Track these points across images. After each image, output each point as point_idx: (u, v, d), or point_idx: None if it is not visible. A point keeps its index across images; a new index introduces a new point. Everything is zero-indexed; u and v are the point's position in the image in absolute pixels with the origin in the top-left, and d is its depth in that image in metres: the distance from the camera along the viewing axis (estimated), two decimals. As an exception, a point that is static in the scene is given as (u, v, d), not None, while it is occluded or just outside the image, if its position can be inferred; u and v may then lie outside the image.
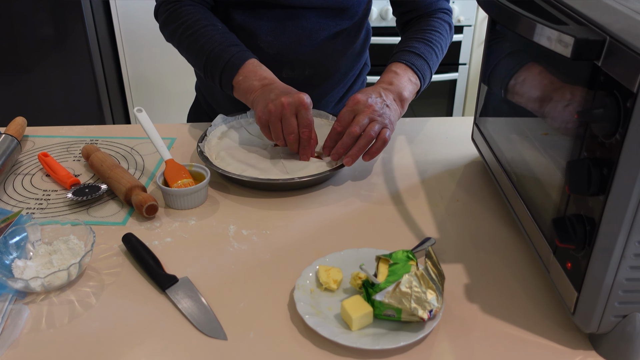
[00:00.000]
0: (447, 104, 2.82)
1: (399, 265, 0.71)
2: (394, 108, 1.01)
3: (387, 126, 0.97)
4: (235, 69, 1.02)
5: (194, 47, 1.06)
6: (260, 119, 0.97)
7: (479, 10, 2.57)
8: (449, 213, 0.92)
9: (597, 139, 0.59)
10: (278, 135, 0.97)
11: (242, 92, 1.03)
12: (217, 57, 1.03)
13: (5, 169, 1.01)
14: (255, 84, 1.01)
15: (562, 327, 0.70)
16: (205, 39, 1.04)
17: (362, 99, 0.97)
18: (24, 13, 2.21)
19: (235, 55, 1.03)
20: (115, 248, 0.84)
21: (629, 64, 0.52)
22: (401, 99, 1.03)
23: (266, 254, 0.83)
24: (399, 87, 1.03)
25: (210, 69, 1.05)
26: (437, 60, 1.14)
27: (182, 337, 0.69)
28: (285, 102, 0.94)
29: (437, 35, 1.13)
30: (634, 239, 0.58)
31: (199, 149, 1.03)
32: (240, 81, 1.02)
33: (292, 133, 0.96)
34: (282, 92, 0.97)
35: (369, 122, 0.96)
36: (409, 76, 1.06)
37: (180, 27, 1.07)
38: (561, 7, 0.67)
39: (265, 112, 0.96)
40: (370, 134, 0.95)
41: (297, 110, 0.95)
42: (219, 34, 1.05)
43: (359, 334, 0.68)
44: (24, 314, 0.72)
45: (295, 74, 1.19)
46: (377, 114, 0.97)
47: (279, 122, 0.96)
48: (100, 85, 2.41)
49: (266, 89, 0.99)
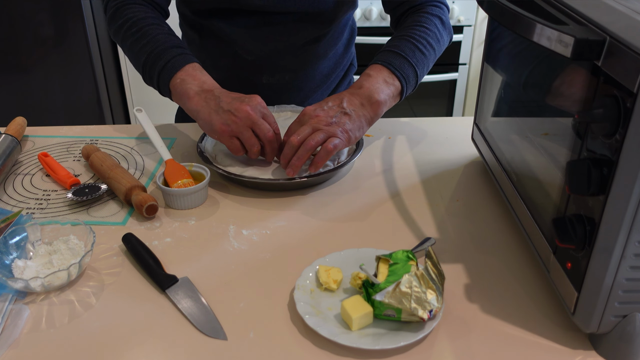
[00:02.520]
0: (447, 104, 2.82)
1: (399, 265, 0.71)
2: (357, 115, 0.96)
3: (337, 135, 0.92)
4: (174, 71, 0.97)
5: (136, 46, 1.01)
6: (224, 132, 0.93)
7: (479, 10, 2.56)
8: (449, 213, 0.92)
9: (597, 139, 0.59)
10: (252, 141, 0.93)
11: (178, 95, 0.98)
12: (157, 57, 0.98)
13: (5, 169, 1.01)
14: (194, 88, 0.96)
15: (562, 327, 0.70)
16: (149, 38, 1.00)
17: (309, 110, 0.95)
18: (24, 13, 2.21)
19: (176, 57, 0.98)
20: (115, 248, 0.84)
21: (629, 64, 0.52)
22: (371, 102, 0.97)
23: (266, 254, 0.83)
24: (369, 90, 0.98)
25: (149, 69, 1.00)
26: (425, 56, 1.05)
27: (182, 337, 0.69)
28: (249, 109, 0.92)
29: (421, 30, 1.06)
30: (634, 239, 0.58)
31: (199, 149, 1.03)
32: (178, 84, 0.97)
33: (270, 131, 0.93)
34: (234, 99, 0.93)
35: (312, 131, 0.93)
36: (384, 77, 1.00)
37: (125, 24, 1.03)
38: (561, 7, 0.67)
39: (230, 123, 0.92)
40: (310, 142, 0.91)
41: (262, 113, 0.93)
42: (163, 34, 1.01)
43: (359, 334, 0.68)
44: (24, 314, 0.72)
45: (276, 79, 1.18)
46: (324, 123, 0.93)
47: (249, 130, 0.93)
48: (100, 85, 2.41)
49: (208, 96, 0.95)
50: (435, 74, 2.69)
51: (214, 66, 1.12)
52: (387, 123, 1.22)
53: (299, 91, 1.20)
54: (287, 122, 1.10)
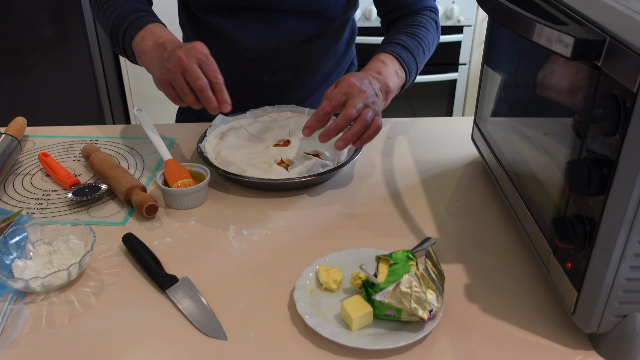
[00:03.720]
0: (447, 104, 2.82)
1: (399, 265, 0.71)
2: (381, 97, 0.98)
3: (379, 114, 0.93)
4: (136, 31, 0.98)
5: (105, 15, 1.04)
6: (161, 81, 0.91)
7: (479, 10, 2.56)
8: (449, 213, 0.92)
9: (597, 139, 0.59)
10: (184, 90, 0.89)
11: (138, 54, 0.98)
12: (121, 21, 1.00)
13: (5, 169, 1.01)
14: (149, 44, 0.95)
15: (562, 327, 0.70)
16: (115, 6, 1.02)
17: (356, 84, 0.93)
18: (24, 13, 2.21)
19: (138, 20, 0.99)
20: (115, 248, 0.84)
21: (629, 64, 0.52)
22: (387, 91, 1.00)
23: (266, 254, 0.83)
24: (387, 78, 1.00)
25: (115, 35, 1.01)
26: (424, 56, 1.09)
27: (182, 337, 0.69)
28: (182, 54, 0.87)
29: (424, 31, 1.10)
30: (634, 239, 0.58)
31: (199, 149, 1.03)
32: (137, 43, 0.97)
33: (199, 79, 0.87)
34: (175, 47, 0.90)
35: (364, 107, 0.91)
36: (395, 68, 1.03)
37: (98, 0, 1.06)
38: (561, 7, 0.67)
39: (164, 71, 0.89)
40: (366, 119, 0.90)
41: (197, 59, 0.88)
42: (129, 2, 1.03)
43: (359, 334, 0.68)
44: (24, 314, 0.72)
45: (277, 77, 1.18)
46: (371, 101, 0.92)
47: (181, 77, 0.88)
48: (100, 85, 2.41)
49: (161, 49, 0.93)
50: (435, 74, 2.69)
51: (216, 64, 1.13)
52: (387, 123, 1.22)
53: (300, 90, 1.21)
54: (287, 122, 1.10)
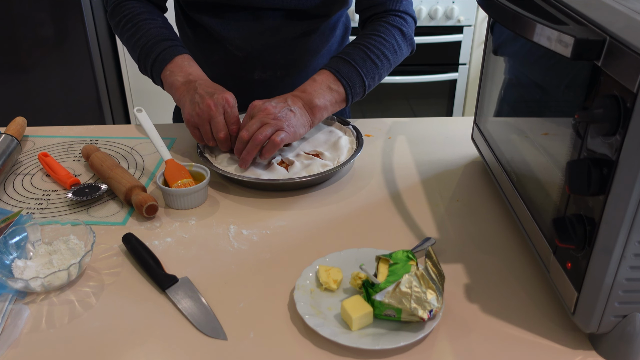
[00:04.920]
0: (447, 104, 2.82)
1: (399, 265, 0.71)
2: (300, 114, 0.99)
3: (283, 129, 0.95)
4: (164, 63, 1.04)
5: (132, 41, 1.08)
6: (189, 122, 0.99)
7: (479, 10, 2.56)
8: (449, 213, 0.92)
9: (597, 139, 0.59)
10: (208, 136, 0.99)
11: (167, 86, 1.05)
12: (149, 51, 1.05)
13: (5, 169, 1.01)
14: (179, 79, 1.03)
15: (562, 327, 0.70)
16: (142, 33, 1.07)
17: (258, 104, 0.99)
18: (24, 13, 2.21)
19: (166, 50, 1.05)
20: (115, 248, 0.84)
21: (629, 64, 0.52)
22: (311, 107, 1.00)
23: (266, 254, 0.83)
24: (311, 95, 1.01)
25: (144, 62, 1.07)
26: (376, 66, 1.06)
27: (182, 337, 0.69)
28: (212, 104, 0.96)
29: (376, 40, 1.06)
30: (634, 239, 0.58)
31: (199, 149, 1.03)
32: (167, 76, 1.04)
33: (222, 131, 0.97)
34: (206, 92, 0.98)
35: (260, 125, 0.96)
36: (328, 83, 1.02)
37: (122, 20, 1.10)
38: (561, 7, 0.67)
39: (193, 115, 0.98)
40: (259, 137, 0.94)
41: (224, 109, 0.97)
42: (156, 28, 1.07)
43: (359, 334, 0.68)
44: (24, 314, 0.72)
45: (267, 75, 1.19)
46: (272, 117, 0.96)
47: (207, 124, 0.98)
48: (100, 85, 2.41)
49: (190, 87, 1.01)
50: (435, 74, 2.69)
51: (207, 63, 1.15)
52: (387, 123, 1.22)
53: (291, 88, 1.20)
54: None
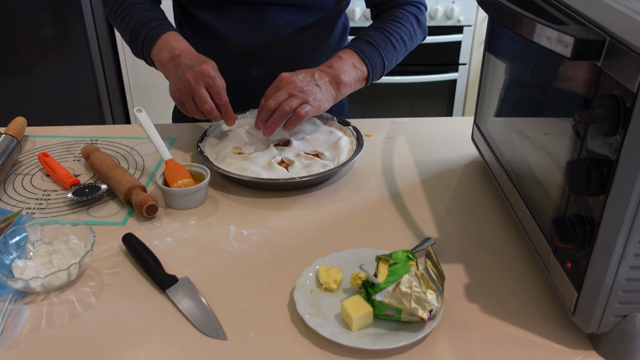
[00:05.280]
0: (447, 104, 2.82)
1: (399, 265, 0.71)
2: (326, 89, 1.02)
3: (309, 102, 0.98)
4: (152, 43, 1.06)
5: (122, 25, 1.11)
6: (174, 97, 1.01)
7: (479, 10, 2.56)
8: (449, 213, 0.92)
9: (597, 139, 0.59)
10: (193, 109, 1.00)
11: (157, 65, 1.07)
12: (137, 32, 1.07)
13: (5, 169, 1.01)
14: (165, 56, 1.04)
15: (562, 327, 0.70)
16: (130, 17, 1.09)
17: (286, 76, 1.01)
18: (24, 13, 2.21)
19: (153, 30, 1.07)
20: (115, 248, 0.84)
21: (629, 64, 0.52)
22: (337, 82, 1.04)
23: (266, 254, 0.83)
24: (338, 71, 1.04)
25: (134, 45, 1.09)
26: (395, 50, 1.11)
27: (182, 337, 0.69)
28: (190, 77, 0.97)
29: (396, 25, 1.11)
30: (634, 239, 0.58)
31: (199, 149, 1.03)
32: (155, 54, 1.06)
33: (206, 103, 0.98)
34: (186, 66, 0.99)
35: (288, 97, 0.98)
36: (353, 61, 1.06)
37: (112, 7, 1.13)
38: (561, 7, 0.67)
39: (176, 91, 1.00)
40: (285, 108, 0.97)
41: (204, 82, 0.98)
42: (143, 11, 1.10)
43: (359, 334, 0.68)
44: (24, 314, 0.72)
45: (266, 71, 1.19)
46: (298, 90, 0.99)
47: (190, 98, 0.99)
48: (100, 85, 2.41)
49: (175, 62, 1.02)
50: (435, 74, 2.69)
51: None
52: (387, 123, 1.22)
53: None
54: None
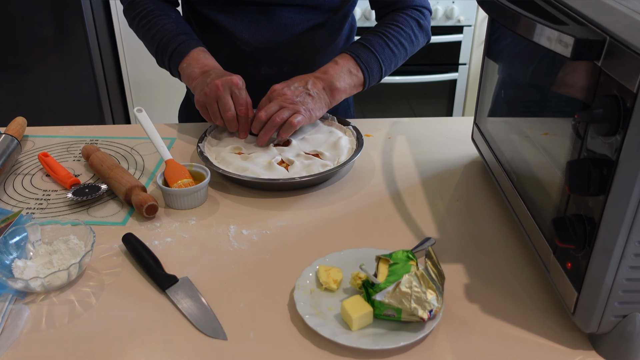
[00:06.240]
0: (447, 104, 2.82)
1: (399, 265, 0.71)
2: (319, 97, 1.04)
3: (300, 112, 1.00)
4: (181, 57, 1.09)
5: (148, 36, 1.13)
6: (198, 102, 1.03)
7: (479, 10, 2.56)
8: (449, 213, 0.92)
9: (597, 139, 0.59)
10: (215, 115, 1.02)
11: (185, 78, 1.09)
12: (165, 45, 1.10)
13: (5, 169, 1.01)
14: (196, 71, 1.07)
15: (562, 327, 0.70)
16: (157, 28, 1.12)
17: (278, 88, 1.03)
18: (24, 13, 2.21)
19: (182, 44, 1.09)
20: (115, 248, 0.84)
21: (629, 64, 0.52)
22: (332, 89, 1.05)
23: (266, 254, 0.83)
24: (332, 77, 1.05)
25: (161, 56, 1.12)
26: (393, 54, 1.12)
27: (182, 337, 0.69)
28: (219, 83, 1.00)
29: (395, 30, 1.12)
30: (634, 239, 0.58)
31: (199, 149, 1.03)
32: (184, 68, 1.09)
33: (229, 111, 1.01)
34: (217, 75, 1.03)
35: (279, 109, 1.00)
36: (349, 67, 1.07)
37: (137, 17, 1.15)
38: (561, 7, 0.67)
39: (202, 94, 1.02)
40: (276, 119, 0.99)
41: (231, 90, 1.01)
42: (170, 23, 1.12)
43: (359, 334, 0.68)
44: (24, 314, 0.72)
45: (274, 70, 1.20)
46: (289, 102, 1.01)
47: (215, 103, 1.01)
48: (100, 85, 2.41)
49: (205, 75, 1.05)
50: (435, 74, 2.69)
51: (215, 58, 1.14)
52: (387, 123, 1.22)
53: None
54: None
